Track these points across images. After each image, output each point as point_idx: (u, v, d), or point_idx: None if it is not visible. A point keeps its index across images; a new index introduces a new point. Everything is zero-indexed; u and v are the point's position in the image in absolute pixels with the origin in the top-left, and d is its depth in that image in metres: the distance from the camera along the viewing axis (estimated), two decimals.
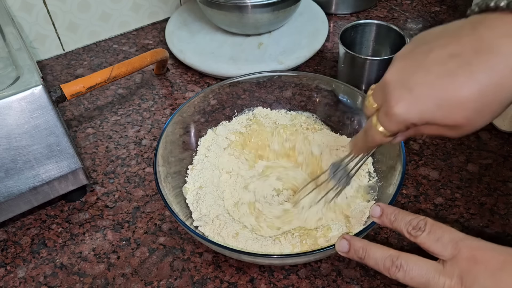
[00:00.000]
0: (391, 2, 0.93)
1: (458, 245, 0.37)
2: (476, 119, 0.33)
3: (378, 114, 0.37)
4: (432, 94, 0.33)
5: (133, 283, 0.50)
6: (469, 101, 0.32)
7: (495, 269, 0.35)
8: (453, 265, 0.37)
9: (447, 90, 0.32)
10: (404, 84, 0.34)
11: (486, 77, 0.31)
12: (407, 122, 0.35)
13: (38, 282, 0.51)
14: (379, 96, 0.37)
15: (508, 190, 0.57)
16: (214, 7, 0.73)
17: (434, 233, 0.38)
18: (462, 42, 0.32)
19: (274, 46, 0.77)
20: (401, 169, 0.48)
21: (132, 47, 0.85)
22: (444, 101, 0.33)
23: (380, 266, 0.38)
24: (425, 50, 0.34)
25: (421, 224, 0.38)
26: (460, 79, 0.32)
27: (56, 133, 0.51)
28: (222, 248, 0.44)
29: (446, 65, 0.32)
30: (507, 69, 0.31)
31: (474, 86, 0.31)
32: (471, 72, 0.31)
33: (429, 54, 0.34)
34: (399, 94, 0.34)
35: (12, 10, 0.74)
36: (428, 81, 0.33)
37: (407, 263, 0.37)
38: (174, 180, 0.54)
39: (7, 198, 0.51)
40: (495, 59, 0.31)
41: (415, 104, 0.34)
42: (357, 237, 0.41)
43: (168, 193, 0.50)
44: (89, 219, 0.57)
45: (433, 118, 0.34)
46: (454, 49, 0.32)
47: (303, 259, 0.45)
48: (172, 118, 0.56)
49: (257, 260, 0.47)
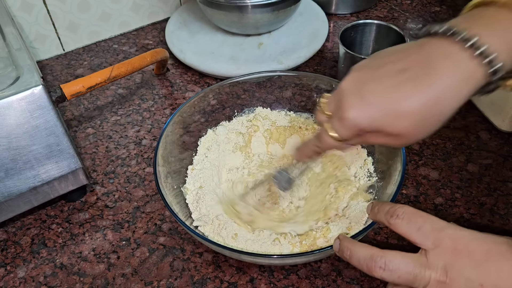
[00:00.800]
0: (391, 2, 0.93)
1: (440, 234, 0.38)
2: (418, 129, 0.36)
3: (331, 120, 0.39)
4: (382, 102, 0.35)
5: (133, 283, 0.50)
6: (413, 112, 0.34)
7: (480, 260, 0.36)
8: (436, 256, 0.37)
9: (395, 100, 0.35)
10: (358, 92, 0.36)
11: (428, 91, 0.34)
12: (357, 127, 0.37)
13: (38, 282, 0.51)
14: (333, 104, 0.39)
15: (508, 190, 0.57)
16: (214, 7, 0.73)
17: (415, 222, 0.39)
18: (410, 59, 0.36)
19: (274, 46, 0.77)
20: (401, 169, 0.48)
21: (132, 47, 0.85)
22: (392, 110, 0.35)
23: (364, 266, 0.39)
24: (378, 64, 0.37)
25: (399, 212, 0.39)
26: (407, 91, 0.35)
27: (56, 133, 0.51)
28: (222, 248, 0.44)
29: (396, 78, 0.35)
30: (444, 87, 0.34)
31: (418, 98, 0.34)
32: (416, 86, 0.34)
33: (381, 68, 0.36)
34: (352, 100, 0.37)
35: (12, 10, 0.74)
36: (379, 91, 0.36)
37: (391, 261, 0.38)
38: (174, 180, 0.54)
39: (7, 198, 0.51)
40: (435, 77, 0.34)
41: (366, 110, 0.36)
42: (348, 237, 0.42)
43: (168, 193, 0.50)
44: (89, 219, 0.57)
45: (380, 125, 0.36)
46: (403, 65, 0.35)
47: (303, 259, 0.45)
48: (172, 118, 0.56)
49: (257, 260, 0.47)
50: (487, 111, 0.65)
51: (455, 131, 0.64)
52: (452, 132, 0.64)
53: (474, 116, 0.66)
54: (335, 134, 0.39)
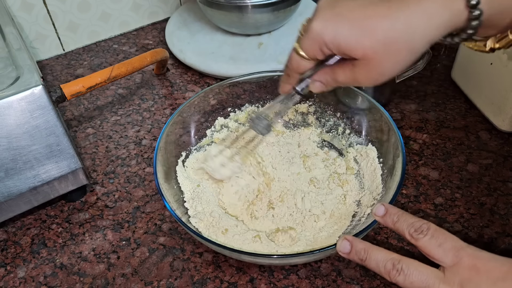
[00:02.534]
0: None
1: (460, 253, 0.37)
2: (384, 54, 0.35)
3: (301, 37, 0.39)
4: (350, 16, 0.35)
5: (133, 283, 0.50)
6: (379, 30, 0.34)
7: (497, 279, 0.35)
8: (454, 273, 0.36)
9: (363, 16, 0.35)
10: (330, 6, 0.37)
11: (402, 16, 0.34)
12: (321, 38, 0.37)
13: (38, 282, 0.51)
14: (308, 22, 0.39)
15: (508, 190, 0.57)
16: (214, 7, 0.73)
17: (436, 238, 0.38)
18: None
19: (274, 46, 0.77)
20: (401, 169, 0.48)
21: (132, 47, 0.85)
22: (358, 25, 0.35)
23: (381, 268, 0.38)
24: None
25: (424, 228, 0.38)
26: (378, 9, 0.34)
27: (56, 133, 0.51)
28: (222, 248, 0.44)
29: (367, 2, 0.35)
30: (422, 17, 0.33)
31: (388, 19, 0.34)
32: (389, 6, 0.34)
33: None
34: (322, 12, 0.37)
35: (12, 10, 0.74)
36: (351, 6, 0.35)
37: (408, 267, 0.37)
38: (173, 179, 0.54)
39: (7, 198, 0.51)
40: (405, 5, 0.33)
41: (333, 21, 0.36)
42: (358, 239, 0.41)
43: (167, 192, 0.50)
44: (89, 219, 0.57)
45: (346, 42, 0.35)
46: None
47: (303, 259, 0.45)
48: (172, 118, 0.56)
49: (257, 260, 0.47)
50: (487, 111, 0.65)
51: (455, 131, 0.65)
52: (452, 132, 0.64)
53: (474, 116, 0.66)
54: (300, 51, 0.39)
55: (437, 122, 0.66)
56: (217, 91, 0.61)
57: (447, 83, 0.72)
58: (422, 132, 0.65)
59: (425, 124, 0.66)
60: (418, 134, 0.64)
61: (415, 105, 0.69)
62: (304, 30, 0.39)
